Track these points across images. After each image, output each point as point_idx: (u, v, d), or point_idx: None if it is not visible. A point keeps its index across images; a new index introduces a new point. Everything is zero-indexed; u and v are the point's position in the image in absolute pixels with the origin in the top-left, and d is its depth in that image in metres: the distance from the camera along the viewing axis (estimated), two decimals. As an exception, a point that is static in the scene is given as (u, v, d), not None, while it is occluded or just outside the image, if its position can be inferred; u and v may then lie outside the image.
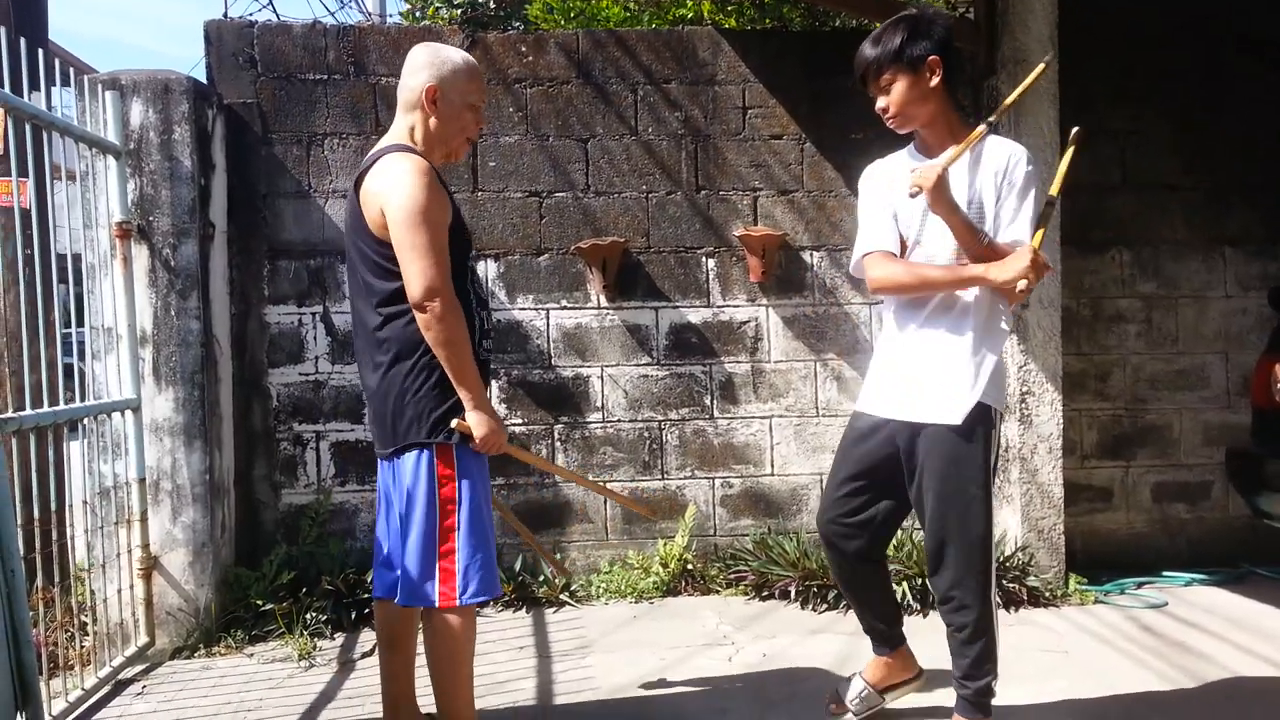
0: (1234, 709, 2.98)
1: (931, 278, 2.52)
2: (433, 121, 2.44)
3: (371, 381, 2.43)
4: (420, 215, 2.26)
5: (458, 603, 2.36)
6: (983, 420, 2.48)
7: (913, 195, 2.41)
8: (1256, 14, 4.51)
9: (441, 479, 2.37)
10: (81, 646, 3.38)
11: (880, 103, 2.56)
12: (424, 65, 2.44)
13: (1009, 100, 2.55)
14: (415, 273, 2.26)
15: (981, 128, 2.50)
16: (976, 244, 2.42)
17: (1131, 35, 4.49)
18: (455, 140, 2.50)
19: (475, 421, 2.35)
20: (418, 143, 2.45)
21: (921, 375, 2.55)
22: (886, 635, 2.83)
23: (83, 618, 3.50)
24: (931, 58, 2.47)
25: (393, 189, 2.29)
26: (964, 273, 2.48)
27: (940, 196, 2.37)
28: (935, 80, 2.49)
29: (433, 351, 2.32)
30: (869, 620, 2.83)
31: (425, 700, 2.66)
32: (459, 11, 6.28)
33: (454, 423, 2.35)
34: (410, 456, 2.38)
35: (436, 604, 2.36)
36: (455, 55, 2.48)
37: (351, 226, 2.45)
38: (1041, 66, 2.63)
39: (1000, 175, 2.46)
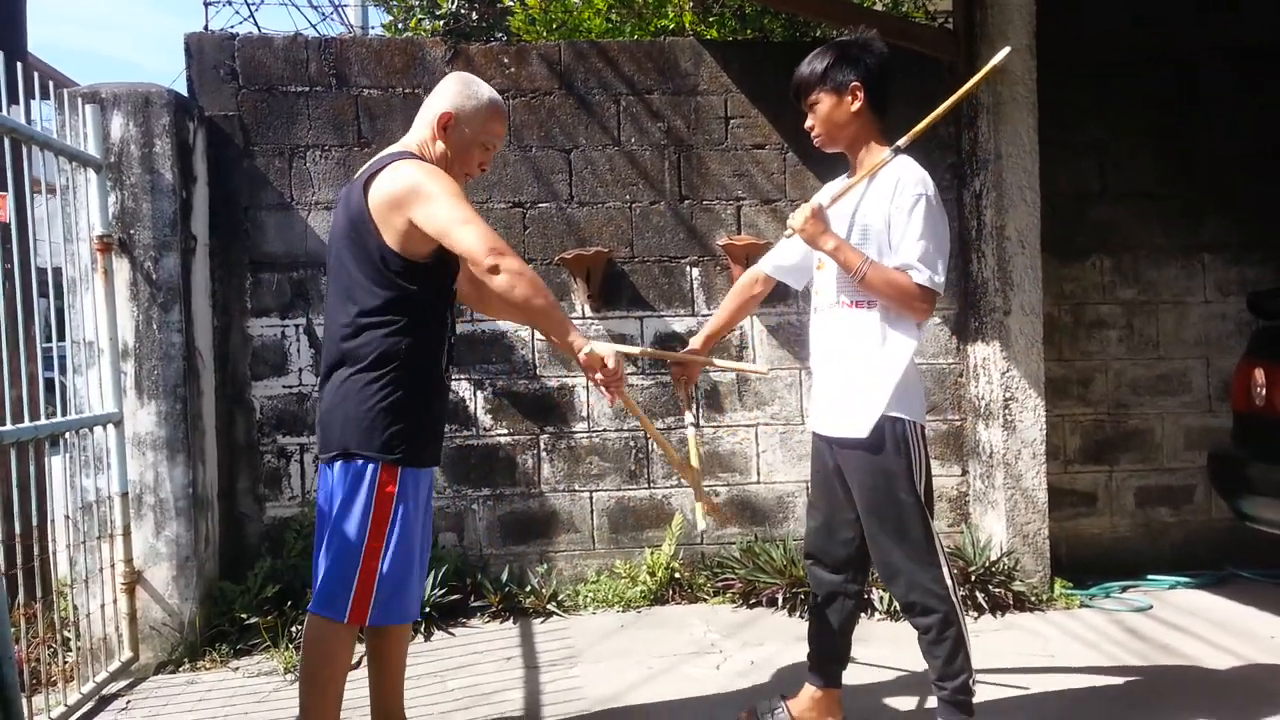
0: (1216, 709, 2.99)
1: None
2: (439, 146, 2.42)
3: (328, 385, 2.37)
4: (450, 194, 2.25)
5: (366, 622, 2.32)
6: (896, 432, 2.54)
7: (787, 236, 2.57)
8: (1231, 26, 4.57)
9: (381, 497, 2.30)
10: (64, 662, 3.35)
11: (808, 120, 2.67)
12: (449, 92, 2.44)
13: (919, 127, 2.55)
14: (474, 239, 2.22)
15: (886, 154, 2.55)
16: (854, 275, 2.49)
17: (1109, 47, 4.53)
18: (453, 173, 2.43)
19: (596, 350, 2.33)
20: (426, 159, 2.42)
21: (828, 389, 2.67)
22: (830, 672, 2.85)
23: (65, 633, 3.46)
24: (854, 83, 2.55)
25: (416, 186, 2.26)
26: None
27: (814, 234, 2.51)
28: (857, 105, 2.57)
29: (406, 368, 2.30)
30: (820, 649, 2.84)
31: (415, 712, 2.65)
32: (441, 23, 6.29)
33: (586, 350, 2.32)
34: (353, 465, 2.31)
35: (345, 619, 2.30)
36: (483, 91, 2.47)
37: (342, 233, 2.38)
38: (962, 91, 2.63)
39: (889, 200, 2.52)
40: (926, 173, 2.55)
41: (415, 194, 2.25)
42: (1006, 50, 2.62)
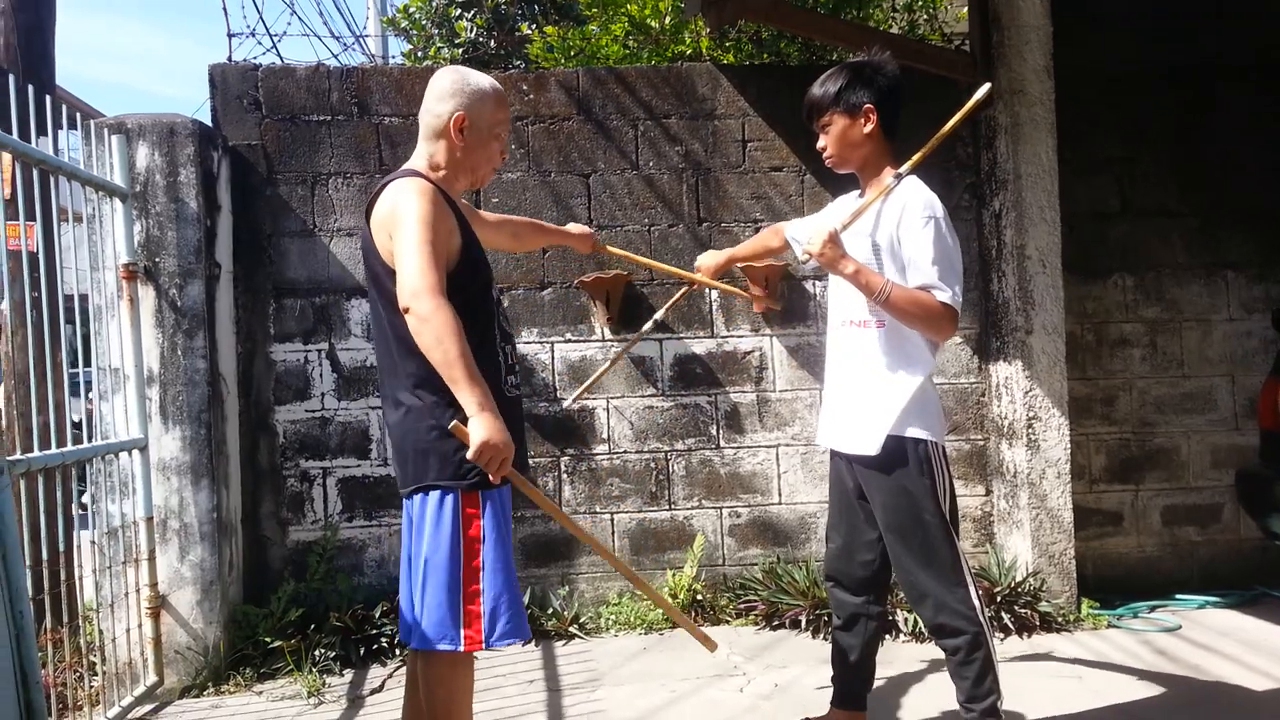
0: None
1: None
2: (460, 150, 2.38)
3: (393, 417, 2.32)
4: (417, 222, 2.17)
5: (484, 646, 2.24)
6: (912, 449, 2.54)
7: (803, 262, 2.54)
8: (1239, 42, 4.57)
9: (466, 518, 2.24)
10: (90, 687, 3.36)
11: (820, 142, 2.68)
12: (452, 93, 2.36)
13: (920, 154, 2.57)
14: (406, 273, 2.13)
15: (889, 181, 2.56)
16: (874, 298, 2.48)
17: (1125, 66, 4.54)
18: (482, 169, 2.45)
19: (475, 428, 2.09)
20: (441, 168, 2.39)
21: (840, 405, 2.68)
22: (854, 694, 2.84)
23: (91, 658, 3.48)
24: (867, 105, 2.57)
25: (395, 207, 2.23)
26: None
27: (832, 260, 2.49)
28: (870, 127, 2.58)
29: None
30: (844, 672, 2.83)
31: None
32: (460, 51, 6.38)
33: (451, 425, 2.14)
34: (433, 496, 2.25)
35: (462, 648, 2.23)
36: (483, 82, 2.40)
37: (367, 261, 2.39)
38: (959, 116, 2.65)
39: (896, 225, 2.53)
40: (934, 194, 2.56)
41: (394, 216, 2.22)
42: (987, 87, 2.65)
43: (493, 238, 2.83)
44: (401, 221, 2.19)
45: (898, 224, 2.52)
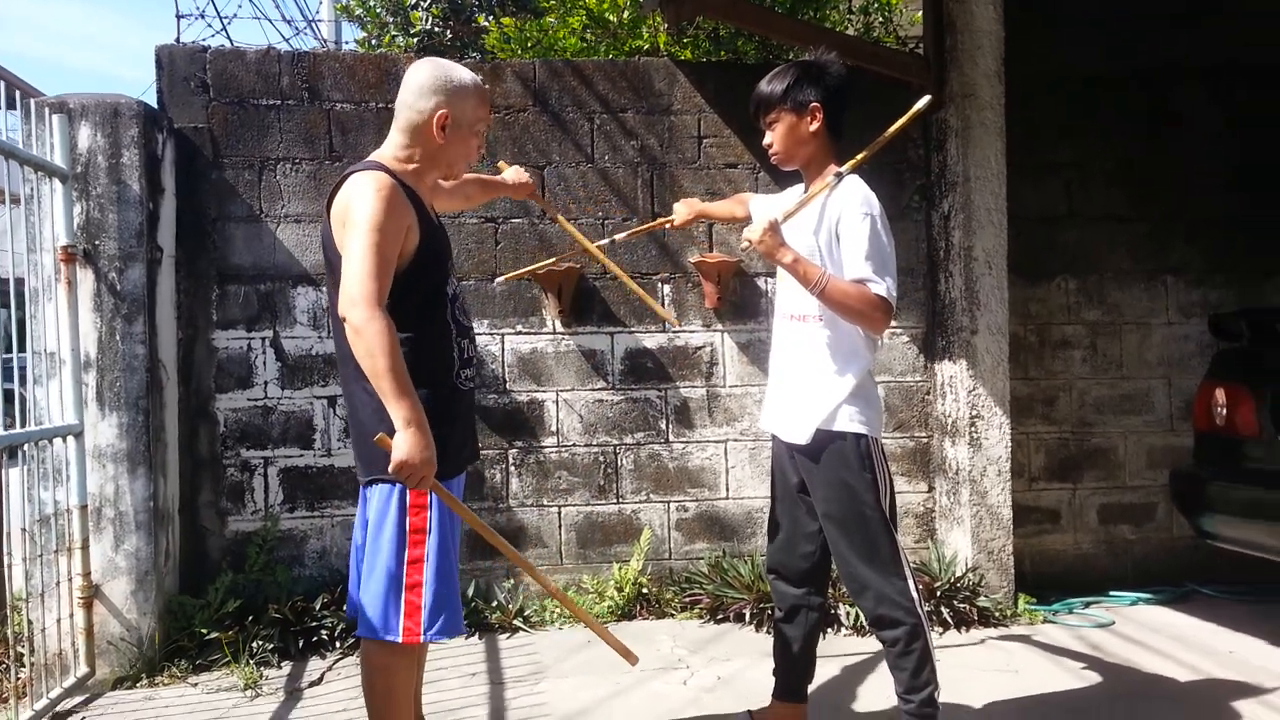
0: (1179, 725, 3.03)
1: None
2: (438, 147, 2.35)
3: (349, 402, 2.35)
4: (366, 225, 2.15)
5: (421, 638, 2.26)
6: (851, 445, 2.57)
7: (744, 250, 2.60)
8: (1193, 50, 4.67)
9: (413, 508, 2.26)
10: (18, 678, 3.29)
11: (766, 139, 2.70)
12: (434, 88, 2.31)
13: (862, 155, 2.63)
14: (349, 280, 2.13)
15: (830, 178, 2.60)
16: (810, 288, 2.51)
17: (1076, 72, 4.62)
18: (458, 165, 2.44)
19: (399, 443, 2.11)
20: (413, 162, 2.36)
21: (783, 394, 2.72)
22: (795, 686, 2.87)
23: (19, 648, 3.40)
24: (814, 104, 2.59)
25: (350, 202, 2.21)
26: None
27: (771, 248, 2.51)
28: (816, 125, 2.61)
29: (412, 379, 2.20)
30: (785, 664, 2.86)
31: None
32: (415, 41, 6.31)
33: (377, 437, 2.14)
34: (382, 488, 2.27)
35: (400, 639, 2.25)
36: (467, 78, 2.37)
37: (325, 252, 2.36)
38: (900, 122, 2.69)
39: (838, 220, 2.56)
40: (873, 193, 2.59)
41: (348, 212, 2.20)
42: (926, 99, 2.72)
43: (449, 203, 2.90)
44: (351, 221, 2.18)
45: (837, 220, 2.56)
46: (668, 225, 3.32)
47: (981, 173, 4.23)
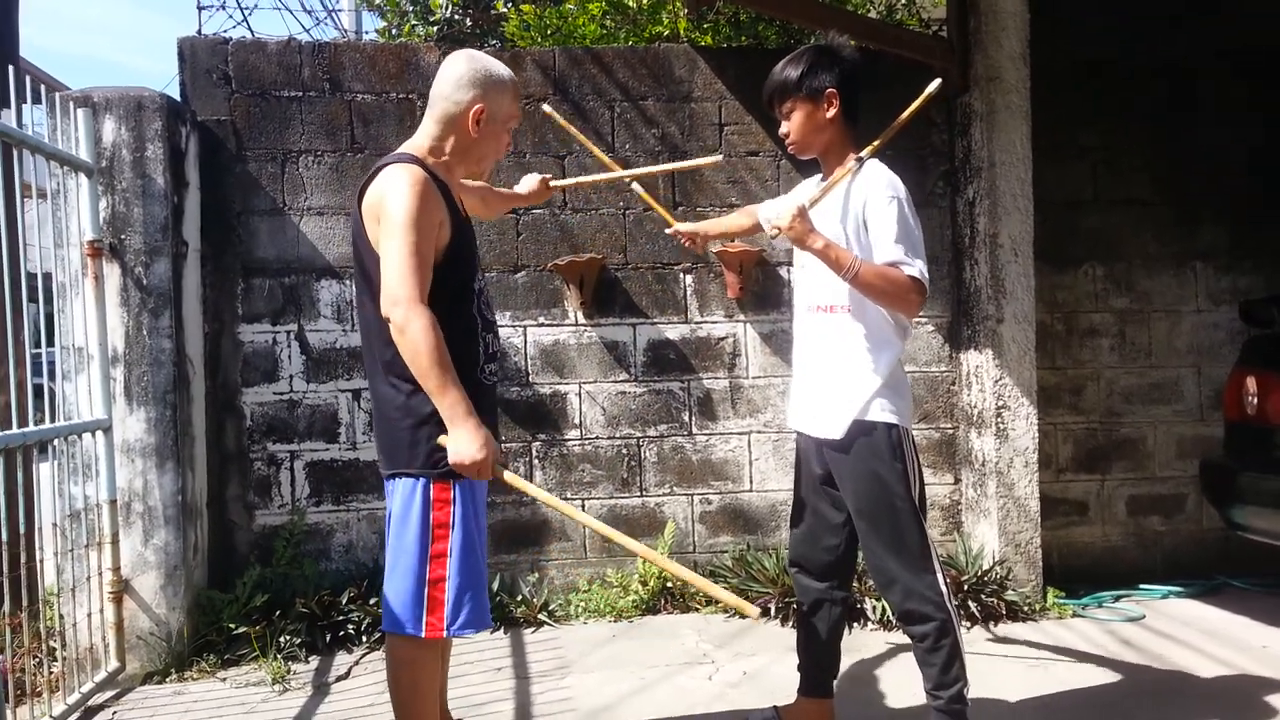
0: (1208, 718, 2.99)
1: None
2: (471, 141, 2.34)
3: (375, 395, 2.35)
4: (402, 223, 2.15)
5: (445, 633, 2.26)
6: (884, 435, 2.54)
7: (772, 238, 2.53)
8: (1219, 33, 4.59)
9: (436, 503, 2.26)
10: (50, 673, 3.32)
11: (782, 128, 2.65)
12: (472, 81, 2.32)
13: (878, 141, 2.58)
14: (389, 278, 2.14)
15: (851, 164, 2.55)
16: (843, 273, 2.46)
17: (1102, 54, 4.55)
18: (487, 161, 2.43)
19: (454, 440, 2.16)
20: (444, 154, 2.36)
21: (811, 389, 2.67)
22: (820, 681, 2.84)
23: (51, 643, 3.43)
24: (829, 90, 2.55)
25: (384, 198, 2.20)
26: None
27: (800, 234, 2.45)
28: (833, 112, 2.57)
29: None
30: (810, 658, 2.83)
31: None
32: (435, 29, 6.28)
33: (437, 439, 2.20)
34: (406, 482, 2.27)
35: (423, 634, 2.26)
36: (504, 73, 2.37)
37: (355, 245, 2.36)
38: (916, 104, 2.64)
39: (864, 205, 2.52)
40: (896, 176, 2.56)
41: (383, 207, 2.20)
42: (937, 82, 2.66)
43: (470, 205, 2.81)
44: (389, 218, 2.18)
45: (863, 205, 2.52)
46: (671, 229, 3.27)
47: (1007, 158, 4.17)
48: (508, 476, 2.26)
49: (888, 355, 2.56)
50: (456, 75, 2.34)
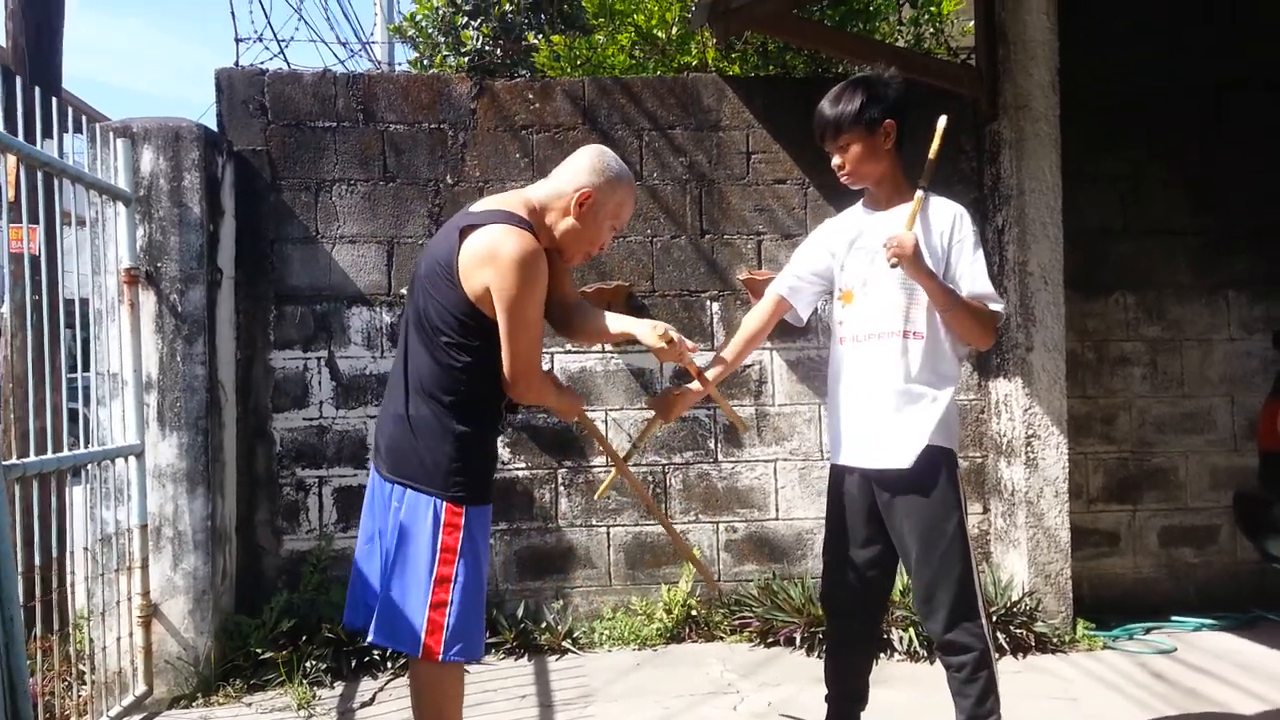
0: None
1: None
2: (569, 222, 2.41)
3: (413, 415, 2.34)
4: (524, 297, 2.24)
5: (440, 658, 2.27)
6: (943, 461, 2.53)
7: (893, 267, 2.50)
8: (1248, 60, 4.57)
9: (447, 526, 2.29)
10: (78, 696, 3.35)
11: (836, 160, 2.64)
12: (590, 169, 2.42)
13: (930, 170, 2.58)
14: (513, 354, 2.28)
15: (920, 193, 2.56)
16: (951, 302, 2.47)
17: (1131, 82, 4.53)
18: (577, 249, 2.47)
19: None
20: (547, 221, 2.41)
21: (870, 419, 2.60)
22: (848, 713, 2.80)
23: (80, 666, 3.47)
24: (888, 121, 2.56)
25: (505, 268, 2.23)
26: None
27: (918, 264, 2.46)
28: (889, 143, 2.58)
29: (477, 411, 2.34)
30: (838, 690, 2.80)
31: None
32: (466, 60, 6.37)
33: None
34: (419, 497, 2.30)
35: (419, 654, 2.28)
36: (624, 174, 2.47)
37: (430, 272, 2.35)
38: (936, 143, 2.62)
39: (947, 235, 2.55)
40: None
41: (503, 270, 2.23)
42: (944, 119, 2.63)
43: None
44: (512, 283, 2.24)
45: (945, 238, 2.55)
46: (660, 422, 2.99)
47: (1036, 185, 4.16)
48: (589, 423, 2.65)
49: (951, 383, 2.57)
50: (585, 161, 2.45)
